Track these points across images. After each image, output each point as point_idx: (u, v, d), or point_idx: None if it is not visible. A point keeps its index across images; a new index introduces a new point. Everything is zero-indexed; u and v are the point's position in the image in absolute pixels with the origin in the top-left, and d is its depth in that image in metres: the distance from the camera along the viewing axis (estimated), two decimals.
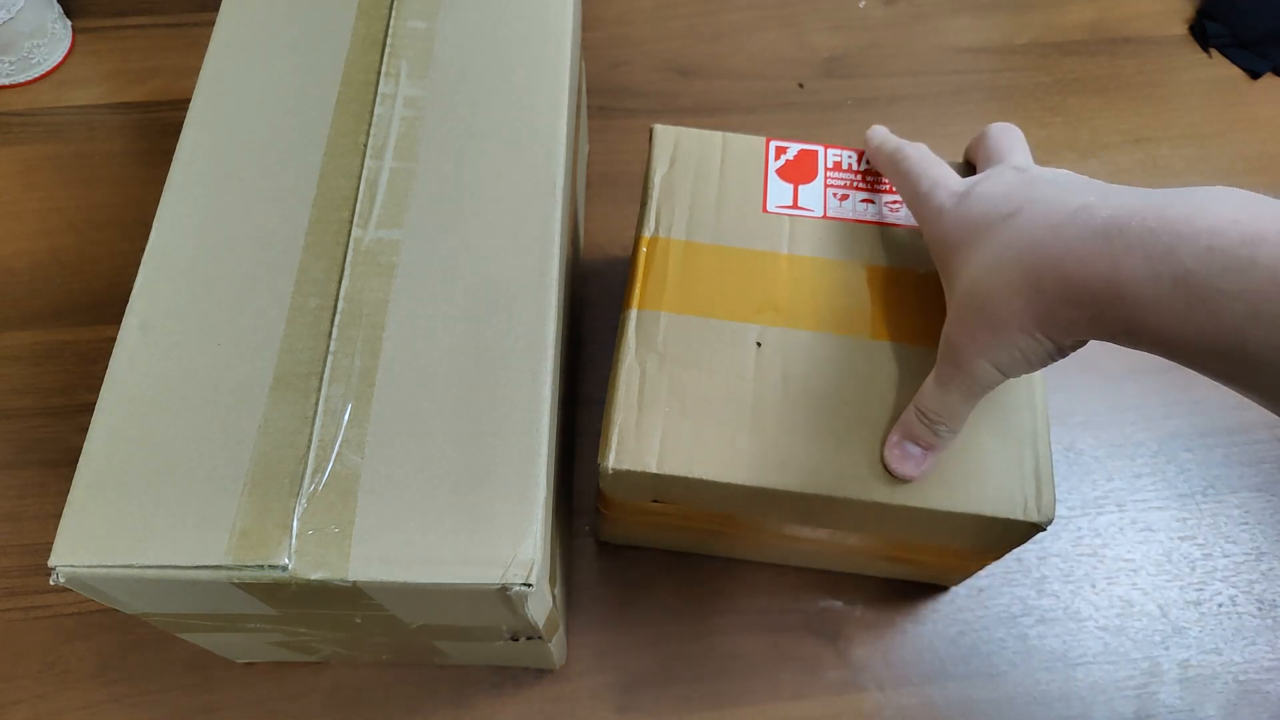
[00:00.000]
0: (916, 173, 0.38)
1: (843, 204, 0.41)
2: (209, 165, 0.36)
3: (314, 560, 0.28)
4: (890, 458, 0.35)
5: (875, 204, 0.42)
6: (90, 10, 0.64)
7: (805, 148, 0.42)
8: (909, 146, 0.40)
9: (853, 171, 0.42)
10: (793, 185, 0.41)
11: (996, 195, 0.33)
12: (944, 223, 0.35)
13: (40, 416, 0.50)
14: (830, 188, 0.42)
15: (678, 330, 0.38)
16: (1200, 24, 0.64)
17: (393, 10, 0.39)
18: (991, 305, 0.31)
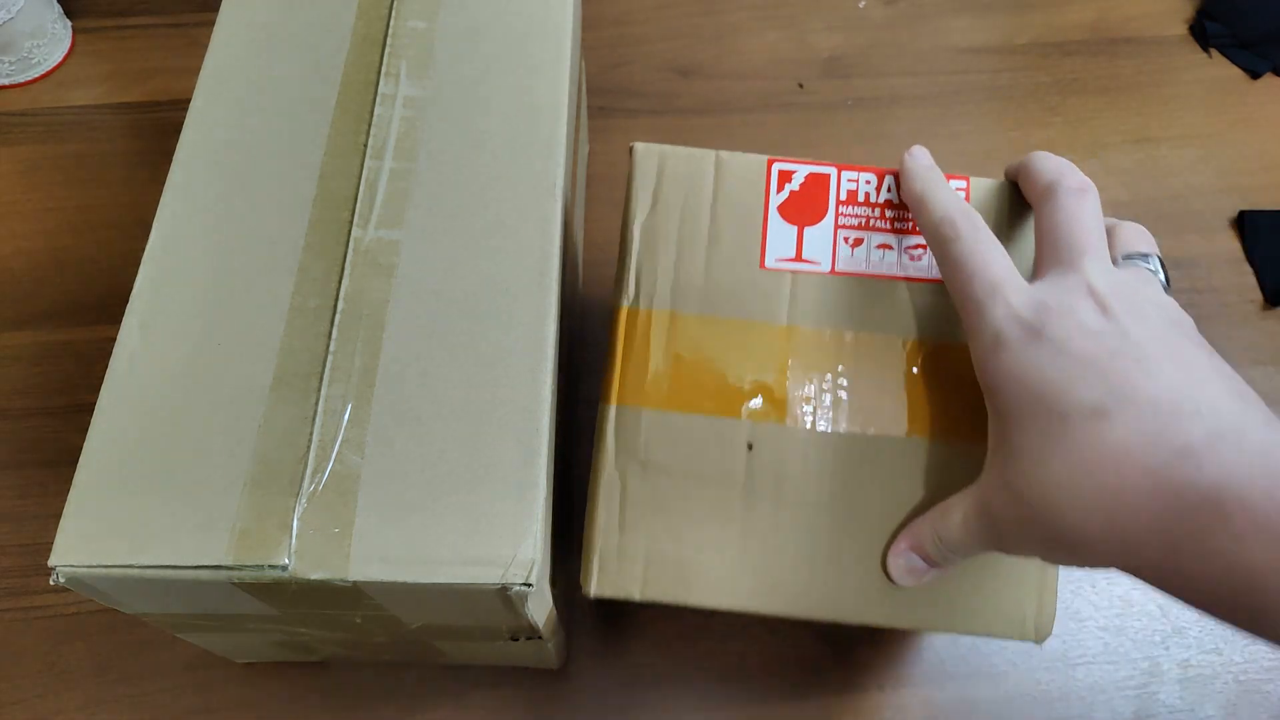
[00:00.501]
0: (970, 266, 0.30)
1: (855, 252, 0.35)
2: (209, 165, 0.36)
3: (314, 560, 0.28)
4: (893, 566, 0.33)
5: (895, 250, 0.35)
6: (90, 10, 0.64)
7: (815, 170, 0.36)
8: (961, 218, 0.31)
9: (869, 204, 0.35)
10: (797, 229, 0.35)
11: (1077, 358, 0.27)
12: (1004, 366, 0.29)
13: (40, 416, 0.50)
14: (842, 229, 0.35)
15: (661, 431, 0.34)
16: (1200, 24, 0.64)
17: (393, 10, 0.39)
18: (1067, 535, 0.27)
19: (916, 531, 0.32)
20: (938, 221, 0.32)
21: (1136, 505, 0.25)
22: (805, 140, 0.59)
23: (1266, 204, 0.57)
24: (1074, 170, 0.32)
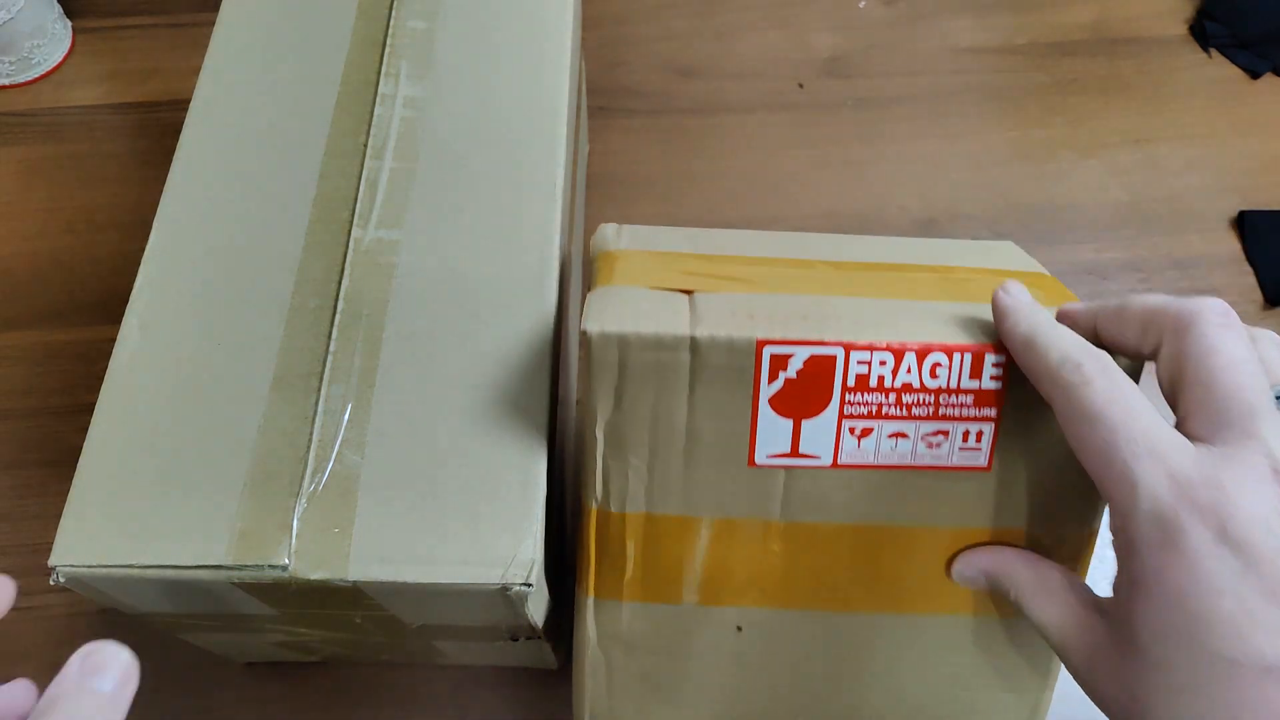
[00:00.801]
0: (1109, 418, 0.24)
1: (863, 444, 0.29)
2: (209, 165, 0.36)
3: (314, 560, 0.28)
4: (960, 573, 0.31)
5: (910, 438, 0.29)
6: (90, 10, 0.64)
7: (817, 352, 0.28)
8: (1089, 358, 0.25)
9: (883, 389, 0.28)
10: (793, 422, 0.29)
11: (1267, 585, 0.21)
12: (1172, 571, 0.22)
13: (40, 416, 0.50)
14: (848, 420, 0.29)
15: (643, 619, 0.32)
16: (1200, 24, 0.64)
17: (393, 10, 0.39)
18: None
19: (997, 574, 0.29)
20: (1057, 364, 0.25)
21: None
22: (805, 140, 0.59)
23: (1266, 204, 0.57)
24: (1211, 300, 0.25)
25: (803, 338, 0.28)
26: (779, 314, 0.28)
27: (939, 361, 0.28)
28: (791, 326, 0.28)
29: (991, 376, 0.28)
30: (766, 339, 0.28)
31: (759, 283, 0.31)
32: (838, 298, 0.30)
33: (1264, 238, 0.55)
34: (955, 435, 0.29)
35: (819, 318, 0.28)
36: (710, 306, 0.29)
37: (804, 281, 0.32)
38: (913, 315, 0.29)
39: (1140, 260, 0.55)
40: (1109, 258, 0.55)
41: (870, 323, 0.28)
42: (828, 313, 0.29)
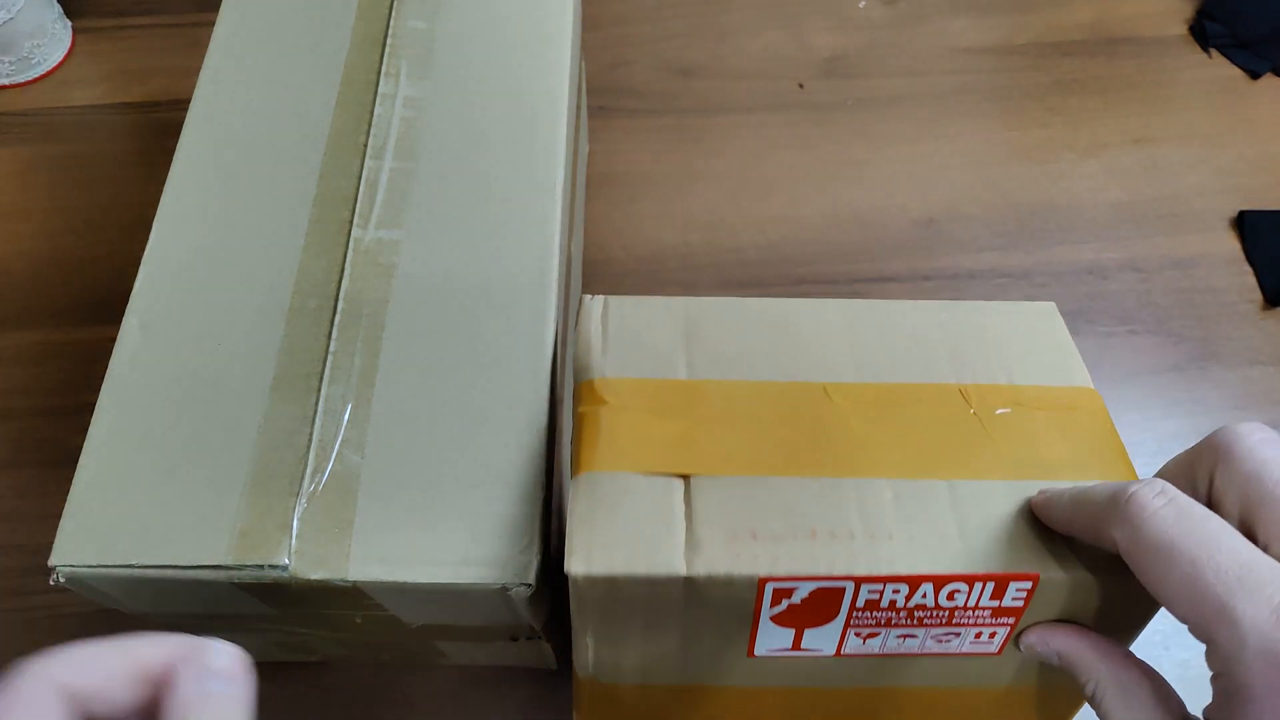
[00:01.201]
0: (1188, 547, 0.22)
1: (868, 642, 0.28)
2: (209, 165, 0.36)
3: (314, 560, 0.28)
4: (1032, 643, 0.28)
5: (919, 638, 0.28)
6: (90, 10, 0.64)
7: (826, 586, 0.26)
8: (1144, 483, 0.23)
9: (894, 609, 0.27)
10: (795, 630, 0.28)
11: None
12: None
13: (40, 416, 0.50)
14: (854, 628, 0.27)
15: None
16: (1200, 24, 0.64)
17: (393, 10, 0.39)
18: None
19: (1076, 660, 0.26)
20: (1109, 500, 0.23)
21: None
22: (805, 140, 0.59)
23: (1266, 204, 0.57)
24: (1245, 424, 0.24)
25: (810, 573, 0.26)
26: (784, 531, 0.26)
27: (958, 589, 0.26)
28: (798, 556, 0.26)
29: (1014, 597, 0.27)
30: (770, 576, 0.26)
31: (761, 454, 0.28)
32: (851, 485, 0.27)
33: (1264, 238, 0.55)
34: (967, 635, 0.28)
35: (827, 535, 0.26)
36: (708, 517, 0.26)
37: (813, 445, 0.28)
38: (932, 522, 0.27)
39: (1140, 260, 0.55)
40: (1109, 258, 0.55)
41: (884, 539, 0.26)
42: (839, 527, 0.26)
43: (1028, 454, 0.28)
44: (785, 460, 0.28)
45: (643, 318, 0.32)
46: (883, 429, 0.29)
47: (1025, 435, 0.29)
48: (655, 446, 0.28)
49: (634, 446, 0.28)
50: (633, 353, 0.31)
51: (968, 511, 0.27)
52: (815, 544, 0.26)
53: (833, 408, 0.29)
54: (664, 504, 0.27)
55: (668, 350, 0.31)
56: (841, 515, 0.27)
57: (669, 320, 0.32)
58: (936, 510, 0.27)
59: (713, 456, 0.28)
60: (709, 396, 0.30)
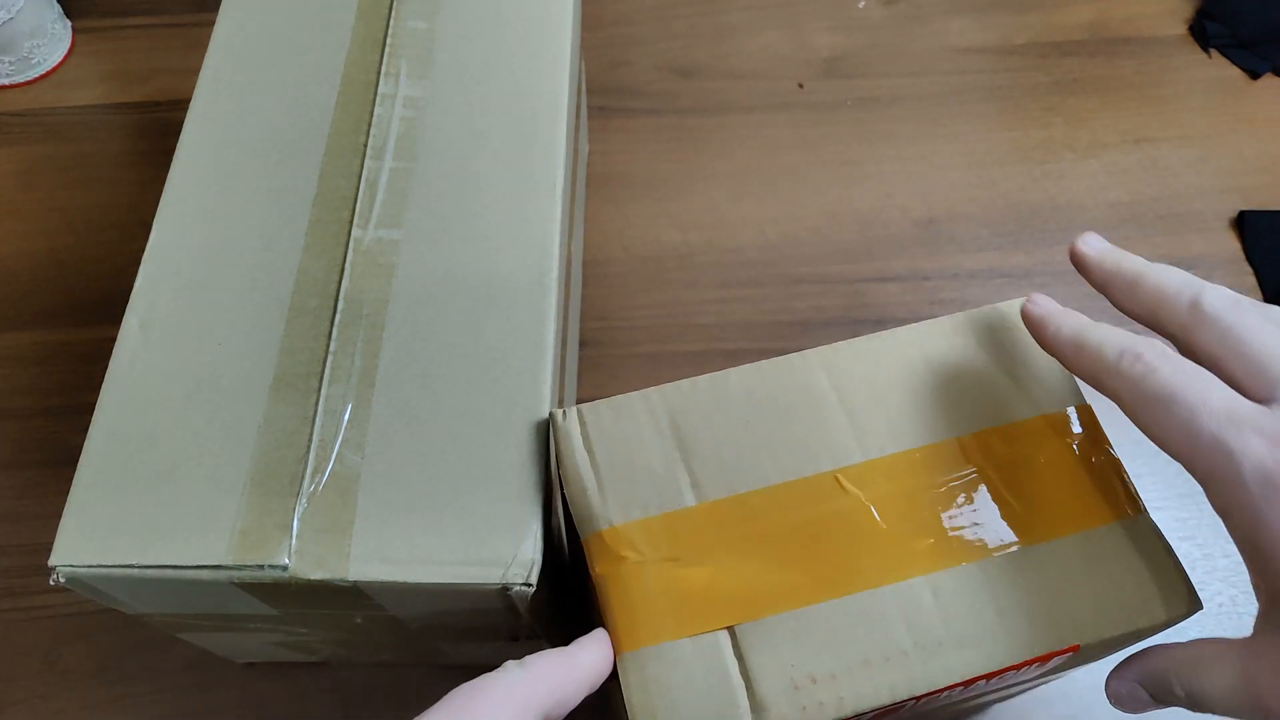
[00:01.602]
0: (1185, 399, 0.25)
1: (922, 705, 0.29)
2: (209, 165, 0.36)
3: (314, 560, 0.28)
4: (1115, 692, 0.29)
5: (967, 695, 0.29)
6: (90, 10, 0.64)
7: (887, 707, 0.27)
8: (1145, 346, 0.26)
9: (951, 693, 0.28)
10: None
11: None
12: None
13: (40, 416, 0.50)
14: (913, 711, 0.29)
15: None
16: (1200, 24, 0.64)
17: (393, 10, 0.39)
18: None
19: (1151, 671, 0.28)
20: (1116, 359, 0.26)
21: None
22: (805, 140, 0.59)
23: (1266, 204, 0.57)
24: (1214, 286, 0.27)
25: (873, 706, 0.26)
26: (840, 668, 0.26)
27: (1008, 674, 0.28)
28: (861, 693, 0.26)
29: (1056, 661, 0.28)
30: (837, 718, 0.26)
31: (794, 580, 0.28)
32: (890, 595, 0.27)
33: (1264, 238, 0.55)
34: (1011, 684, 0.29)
35: (881, 660, 0.27)
36: (764, 672, 0.27)
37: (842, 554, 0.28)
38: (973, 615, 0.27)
39: None
40: None
41: (934, 649, 0.27)
42: (891, 649, 0.27)
43: (1042, 509, 0.29)
44: (819, 582, 0.28)
45: (626, 431, 0.30)
46: (902, 515, 0.29)
47: (1032, 487, 0.29)
48: (690, 603, 0.28)
49: (669, 609, 0.28)
50: (631, 486, 0.29)
51: (1002, 592, 0.28)
52: (872, 672, 0.27)
53: (849, 500, 0.29)
54: (718, 669, 0.27)
55: (666, 473, 0.29)
56: (890, 635, 0.27)
57: (655, 429, 0.30)
58: (975, 600, 0.28)
59: (748, 598, 0.28)
60: (724, 521, 0.29)
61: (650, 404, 0.30)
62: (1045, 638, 0.27)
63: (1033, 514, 0.29)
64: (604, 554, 0.29)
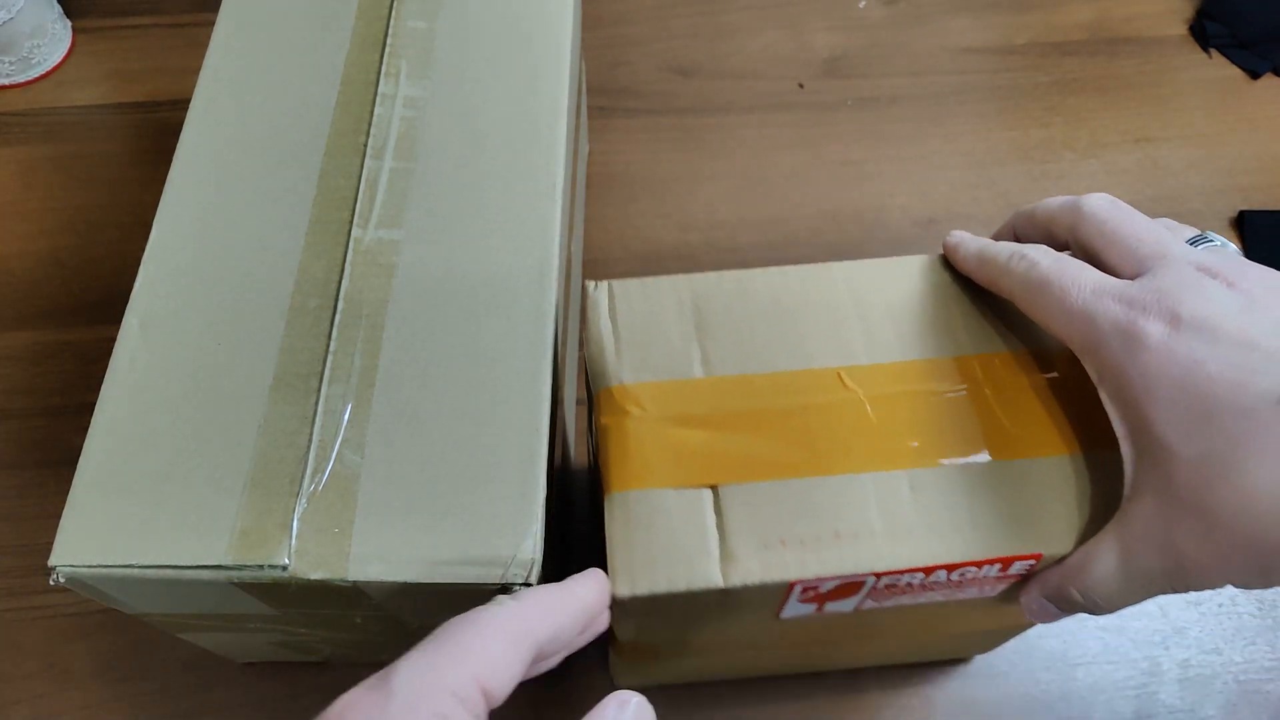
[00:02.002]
0: (1061, 282, 0.28)
1: (884, 602, 0.30)
2: (209, 165, 0.36)
3: (314, 560, 0.28)
4: (1028, 608, 0.31)
5: (927, 597, 0.30)
6: (90, 10, 0.64)
7: (850, 580, 0.28)
8: (1030, 248, 0.29)
9: (911, 586, 0.29)
10: (818, 604, 0.30)
11: (1237, 342, 0.24)
12: (1151, 368, 0.25)
13: (40, 416, 0.50)
14: (872, 598, 0.30)
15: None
16: (1200, 24, 0.64)
17: (393, 10, 0.39)
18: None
19: (1048, 582, 0.29)
20: (1007, 260, 0.30)
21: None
22: (805, 140, 0.59)
23: (1266, 204, 0.57)
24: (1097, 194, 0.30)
25: (836, 573, 0.28)
26: (810, 536, 0.28)
27: (969, 570, 0.29)
28: (825, 560, 0.28)
29: (1018, 569, 0.29)
30: (799, 579, 0.28)
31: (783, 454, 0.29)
32: (870, 481, 0.29)
33: (1264, 238, 0.55)
34: (971, 591, 0.30)
35: (851, 536, 0.28)
36: (739, 527, 0.28)
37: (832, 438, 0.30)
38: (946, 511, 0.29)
39: None
40: None
41: (904, 535, 0.28)
42: (861, 527, 0.28)
43: (1030, 429, 0.30)
44: (807, 459, 0.29)
45: (650, 307, 0.32)
46: (895, 415, 0.30)
47: (1022, 409, 0.30)
48: (682, 458, 0.29)
49: (661, 461, 0.29)
50: (646, 353, 0.31)
51: (978, 496, 0.29)
52: (840, 546, 0.28)
53: (847, 395, 0.30)
54: (696, 518, 0.28)
55: (681, 346, 0.31)
56: (862, 515, 0.28)
57: (677, 308, 0.32)
58: (950, 499, 0.29)
59: (737, 463, 0.29)
60: (728, 395, 0.30)
61: (677, 287, 0.32)
62: (1010, 543, 0.28)
63: (1018, 433, 0.30)
64: (610, 407, 0.30)
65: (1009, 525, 0.28)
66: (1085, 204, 0.30)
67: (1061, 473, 0.29)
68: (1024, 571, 0.29)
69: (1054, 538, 0.28)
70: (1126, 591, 0.27)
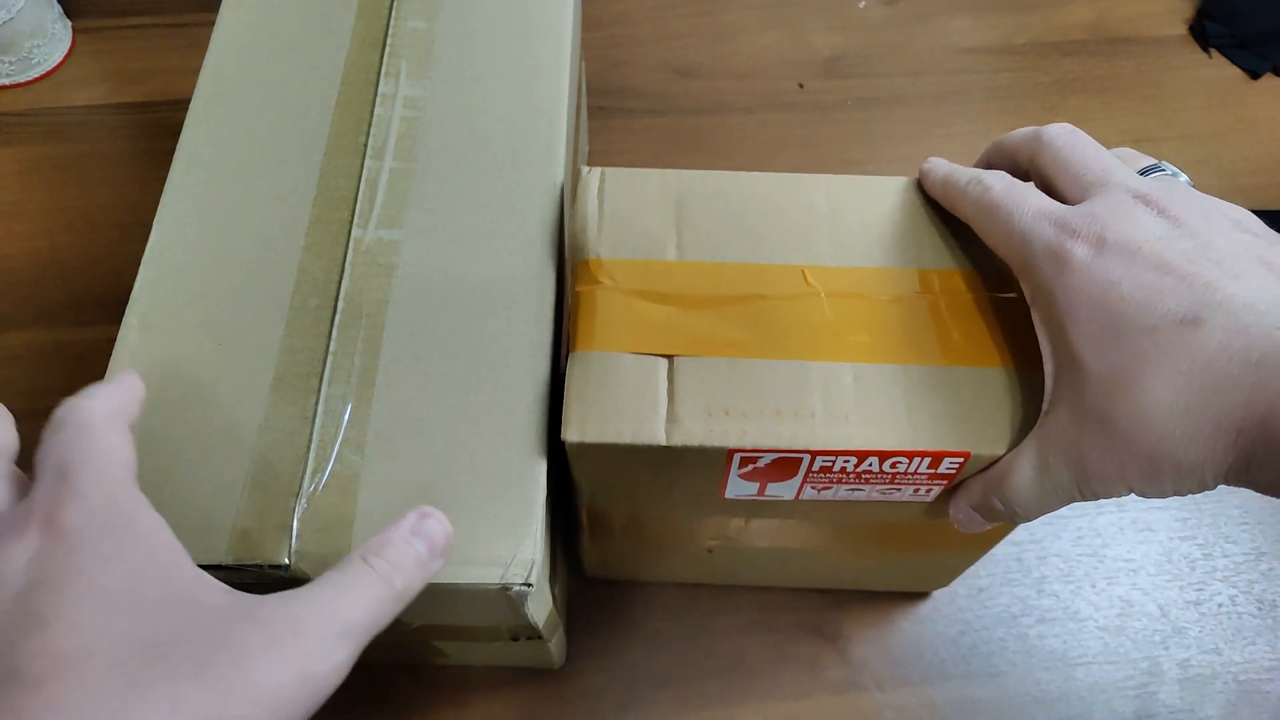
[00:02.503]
0: (1008, 205, 0.29)
1: (822, 493, 0.32)
2: (209, 165, 0.36)
3: (314, 560, 0.28)
4: (956, 517, 0.32)
5: (865, 492, 0.32)
6: (90, 10, 0.64)
7: (786, 456, 0.30)
8: (987, 174, 0.31)
9: (845, 474, 0.31)
10: (759, 484, 0.32)
11: (1154, 265, 0.26)
12: (1073, 286, 0.27)
13: (40, 417, 0.50)
14: (810, 484, 0.32)
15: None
16: (1200, 24, 0.64)
17: (393, 10, 0.39)
18: (1172, 453, 0.25)
19: (972, 492, 0.31)
20: (965, 184, 0.31)
21: (1254, 411, 0.24)
22: (805, 140, 0.59)
23: (1266, 204, 0.57)
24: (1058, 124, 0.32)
25: (773, 446, 0.29)
26: (753, 410, 0.30)
27: (899, 461, 0.30)
28: (764, 431, 0.29)
29: (947, 467, 0.30)
30: (738, 447, 0.29)
31: (739, 336, 0.31)
32: (817, 369, 0.31)
33: None
34: (906, 490, 0.32)
35: (791, 414, 0.30)
36: (688, 395, 0.30)
37: (786, 327, 0.31)
38: (885, 403, 0.30)
39: None
40: None
41: (840, 420, 0.30)
42: (801, 407, 0.30)
43: (977, 341, 0.31)
44: (760, 343, 0.31)
45: (636, 194, 0.34)
46: (850, 314, 0.32)
47: (977, 323, 0.32)
48: (644, 328, 0.31)
49: (625, 328, 0.31)
50: (626, 232, 0.33)
51: (917, 394, 0.30)
52: (780, 421, 0.30)
53: (808, 290, 0.32)
54: (649, 382, 0.30)
55: (659, 231, 0.33)
56: (805, 397, 0.30)
57: (662, 198, 0.34)
58: (890, 393, 0.30)
59: (695, 338, 0.31)
60: (695, 278, 0.32)
61: (665, 180, 0.34)
62: (942, 439, 0.30)
63: (964, 344, 0.31)
64: (585, 276, 0.32)
65: (943, 423, 0.30)
66: (1045, 133, 0.31)
67: (999, 384, 0.31)
68: (953, 471, 0.30)
69: (984, 439, 0.30)
70: (1042, 499, 0.29)
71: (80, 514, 0.23)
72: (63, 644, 0.21)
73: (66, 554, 0.22)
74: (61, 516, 0.23)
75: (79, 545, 0.22)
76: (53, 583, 0.22)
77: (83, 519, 0.23)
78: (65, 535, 0.22)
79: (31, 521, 0.23)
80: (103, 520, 0.23)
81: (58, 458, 0.25)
